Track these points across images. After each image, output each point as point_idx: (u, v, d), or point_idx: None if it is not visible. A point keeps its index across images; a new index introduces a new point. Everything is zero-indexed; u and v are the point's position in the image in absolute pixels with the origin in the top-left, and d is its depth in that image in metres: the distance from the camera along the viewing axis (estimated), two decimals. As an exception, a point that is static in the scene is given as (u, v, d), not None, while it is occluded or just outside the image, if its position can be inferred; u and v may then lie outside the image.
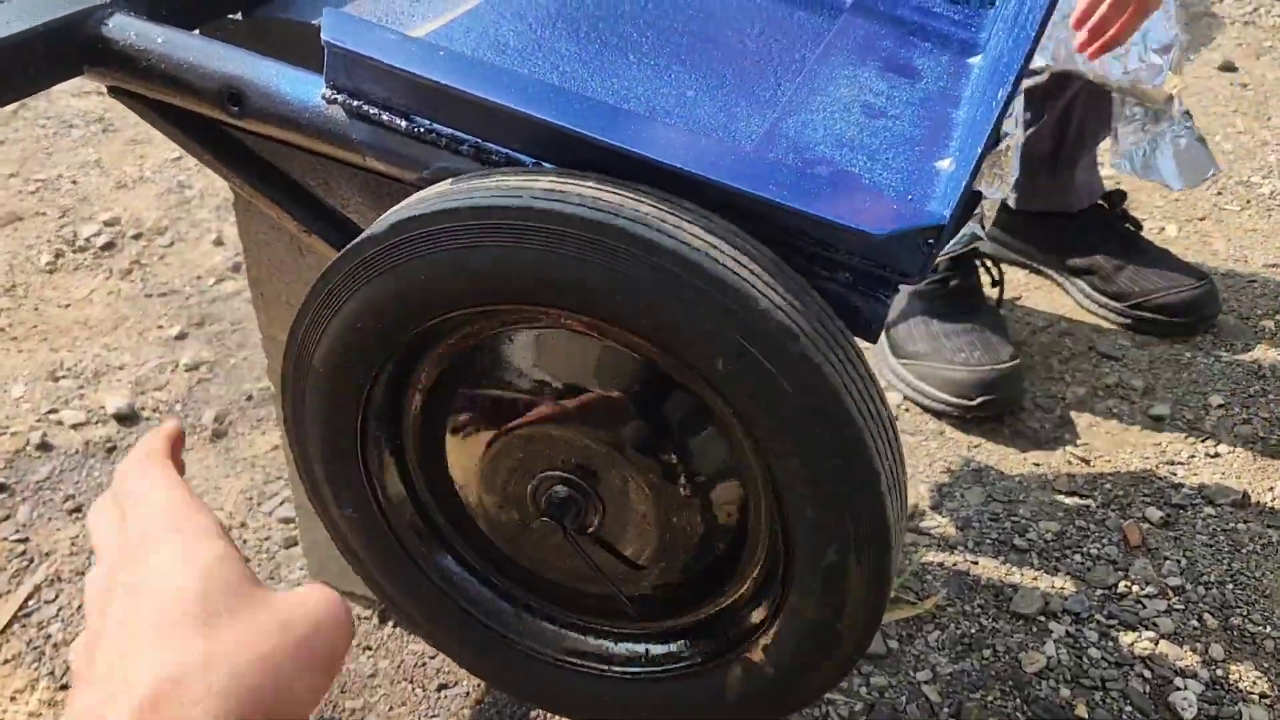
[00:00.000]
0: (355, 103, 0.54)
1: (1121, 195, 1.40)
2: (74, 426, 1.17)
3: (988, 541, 1.03)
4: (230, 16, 0.69)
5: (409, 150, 0.54)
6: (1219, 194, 1.61)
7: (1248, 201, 1.58)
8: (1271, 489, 1.09)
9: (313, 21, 0.68)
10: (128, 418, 1.18)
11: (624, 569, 0.56)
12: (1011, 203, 1.39)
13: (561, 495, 0.54)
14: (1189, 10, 1.18)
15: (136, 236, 1.49)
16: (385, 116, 0.53)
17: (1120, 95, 1.23)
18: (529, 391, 0.53)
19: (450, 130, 0.52)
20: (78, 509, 1.06)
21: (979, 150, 0.54)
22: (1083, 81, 1.23)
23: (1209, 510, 1.07)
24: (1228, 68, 1.99)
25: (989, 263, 1.28)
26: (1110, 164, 1.30)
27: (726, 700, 0.56)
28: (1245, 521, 1.06)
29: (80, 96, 1.88)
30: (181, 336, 1.30)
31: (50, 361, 1.26)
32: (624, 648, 0.61)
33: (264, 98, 0.56)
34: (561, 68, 0.61)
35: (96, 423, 1.17)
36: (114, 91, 0.60)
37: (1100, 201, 1.38)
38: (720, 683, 0.56)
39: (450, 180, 0.50)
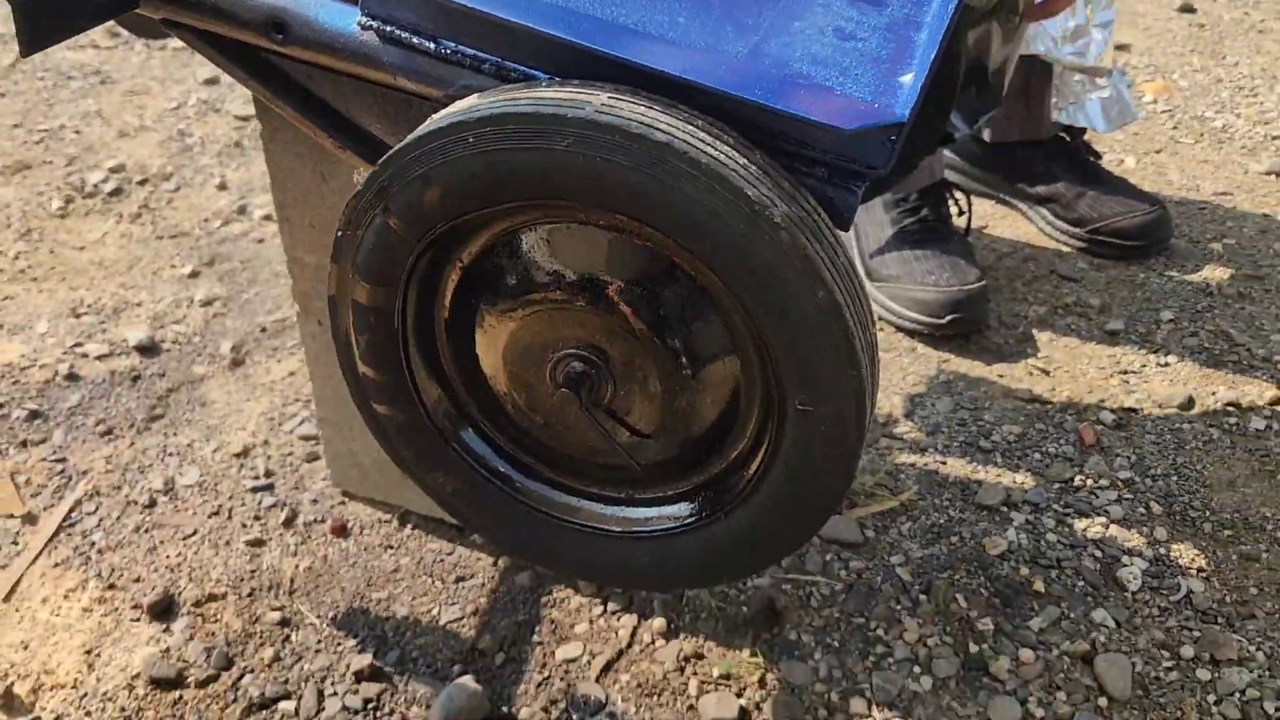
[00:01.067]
0: (388, 28, 0.61)
1: (1082, 129, 1.48)
2: (99, 358, 1.24)
3: (955, 444, 1.12)
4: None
5: (435, 70, 0.61)
6: (1175, 128, 1.69)
7: (1201, 135, 1.67)
8: (1214, 393, 1.19)
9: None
10: (149, 349, 1.25)
11: (634, 437, 0.65)
12: (986, 136, 1.47)
13: (578, 370, 0.62)
14: None
15: (142, 182, 1.55)
16: (415, 40, 0.60)
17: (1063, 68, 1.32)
18: (552, 277, 0.61)
19: (474, 51, 0.60)
20: (109, 431, 1.14)
21: (932, 63, 0.62)
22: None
23: (1157, 412, 1.16)
24: (1186, 9, 2.07)
25: (957, 194, 1.37)
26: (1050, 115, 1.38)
27: (714, 552, 0.65)
28: (1190, 422, 1.15)
29: (76, 50, 1.92)
30: (194, 275, 1.37)
31: (71, 299, 1.33)
32: (624, 511, 0.69)
33: (305, 26, 0.63)
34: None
35: (120, 354, 1.24)
36: (166, 23, 0.67)
37: (1061, 133, 1.46)
38: (713, 536, 0.65)
39: (477, 95, 0.58)
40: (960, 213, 1.37)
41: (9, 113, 1.72)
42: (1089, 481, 1.08)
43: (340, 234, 0.61)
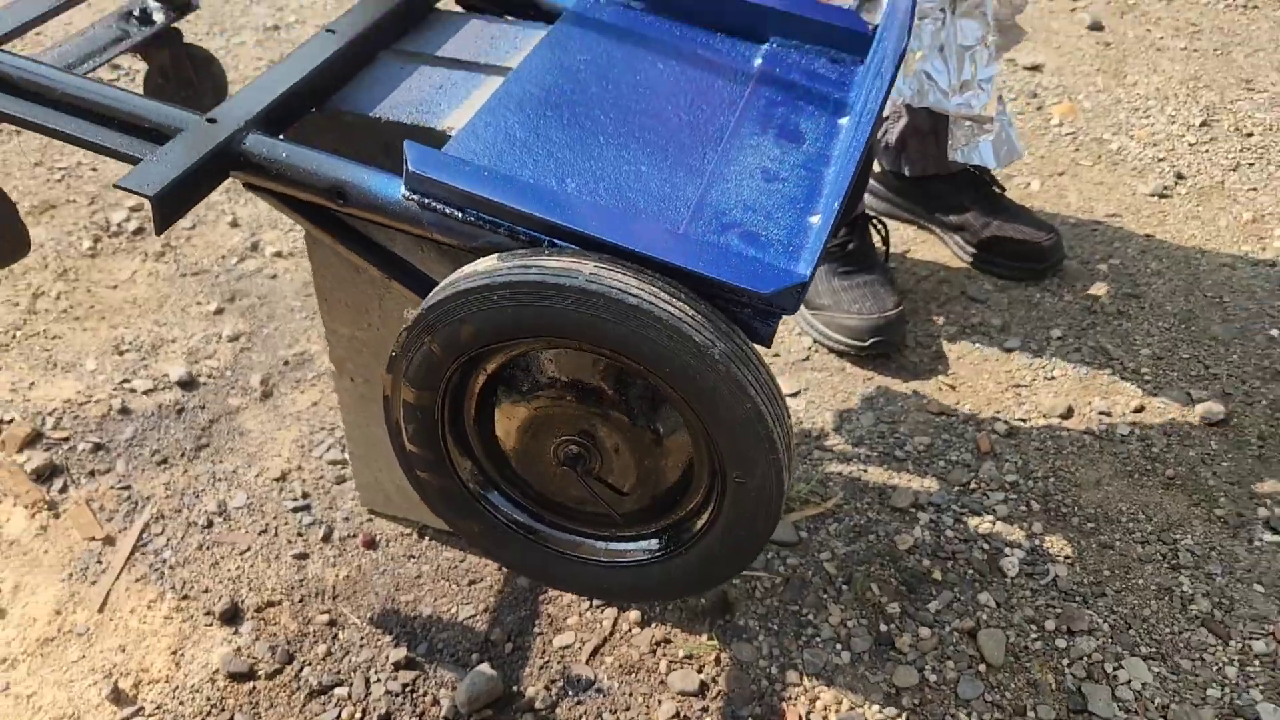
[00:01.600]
0: (425, 200, 0.81)
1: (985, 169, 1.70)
2: (145, 393, 1.43)
3: (875, 454, 1.36)
4: (312, 112, 0.95)
5: (463, 230, 0.81)
6: (1077, 150, 1.92)
7: (1099, 157, 1.90)
8: (1090, 403, 1.43)
9: (369, 114, 0.95)
10: (188, 384, 1.45)
11: (615, 495, 0.87)
12: (906, 171, 1.69)
13: (573, 451, 0.83)
14: (1002, 24, 1.46)
15: (161, 221, 1.73)
16: (446, 210, 0.81)
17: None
18: (554, 382, 0.83)
19: (491, 218, 0.80)
20: (164, 460, 1.34)
21: (838, 206, 0.83)
22: None
23: (1042, 422, 1.40)
24: (1096, 27, 2.28)
25: (879, 226, 1.59)
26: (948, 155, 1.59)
27: (678, 575, 0.88)
28: (1068, 430, 1.39)
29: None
30: (219, 311, 1.56)
31: (113, 337, 1.52)
32: (610, 545, 0.92)
33: (361, 194, 0.83)
34: (556, 154, 0.89)
35: (163, 389, 1.44)
36: (249, 187, 0.86)
37: (970, 168, 1.68)
38: (673, 567, 0.88)
39: (497, 256, 0.78)
40: (882, 241, 1.59)
41: (28, 150, 1.88)
42: (982, 484, 1.32)
43: (394, 354, 0.82)
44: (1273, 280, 1.62)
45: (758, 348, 0.79)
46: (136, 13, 1.22)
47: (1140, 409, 1.42)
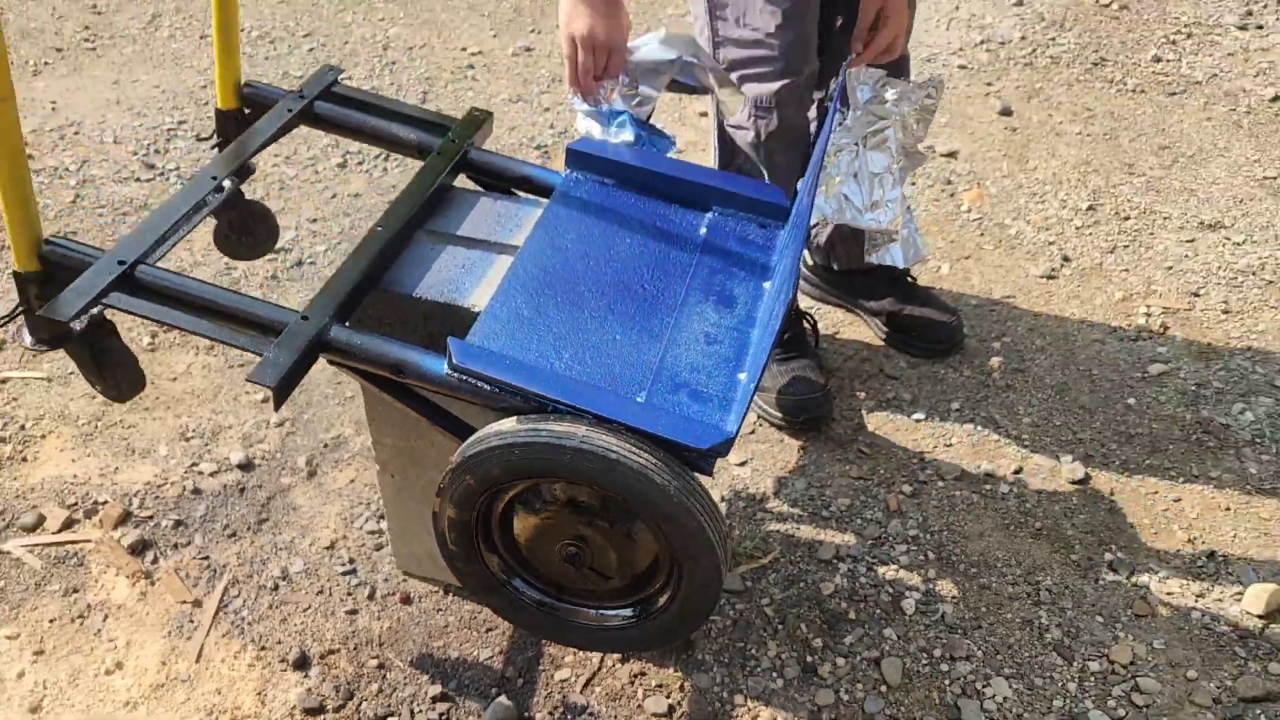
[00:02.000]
0: (464, 377, 1.13)
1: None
2: (212, 475, 1.74)
3: (806, 514, 1.69)
4: (370, 293, 1.26)
5: (490, 396, 1.14)
6: (981, 234, 2.26)
7: (1000, 241, 2.24)
8: (979, 466, 1.77)
9: (412, 294, 1.26)
10: (246, 466, 1.76)
11: (603, 580, 1.20)
12: (835, 266, 2.02)
13: (572, 551, 1.16)
14: (907, 150, 1.77)
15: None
16: (479, 384, 1.13)
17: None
18: (558, 501, 1.15)
19: (510, 390, 1.13)
20: (234, 534, 1.65)
21: (763, 362, 1.16)
22: None
23: (940, 484, 1.75)
24: (1005, 112, 2.63)
25: (809, 319, 1.92)
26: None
27: (649, 635, 1.21)
28: (960, 490, 1.74)
29: (121, 183, 2.37)
30: (265, 400, 1.87)
31: (179, 425, 1.82)
32: (600, 612, 1.24)
33: (415, 370, 1.15)
34: (554, 329, 1.21)
35: (226, 471, 1.75)
36: (331, 361, 1.18)
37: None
38: (646, 629, 1.21)
39: (516, 418, 1.11)
40: (812, 331, 1.92)
41: (82, 250, 2.18)
42: (889, 539, 1.66)
43: (442, 485, 1.14)
44: (1134, 354, 1.97)
45: (702, 477, 1.12)
46: (207, 175, 1.53)
47: (1019, 470, 1.77)
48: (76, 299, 1.14)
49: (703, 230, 1.39)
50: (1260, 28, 2.92)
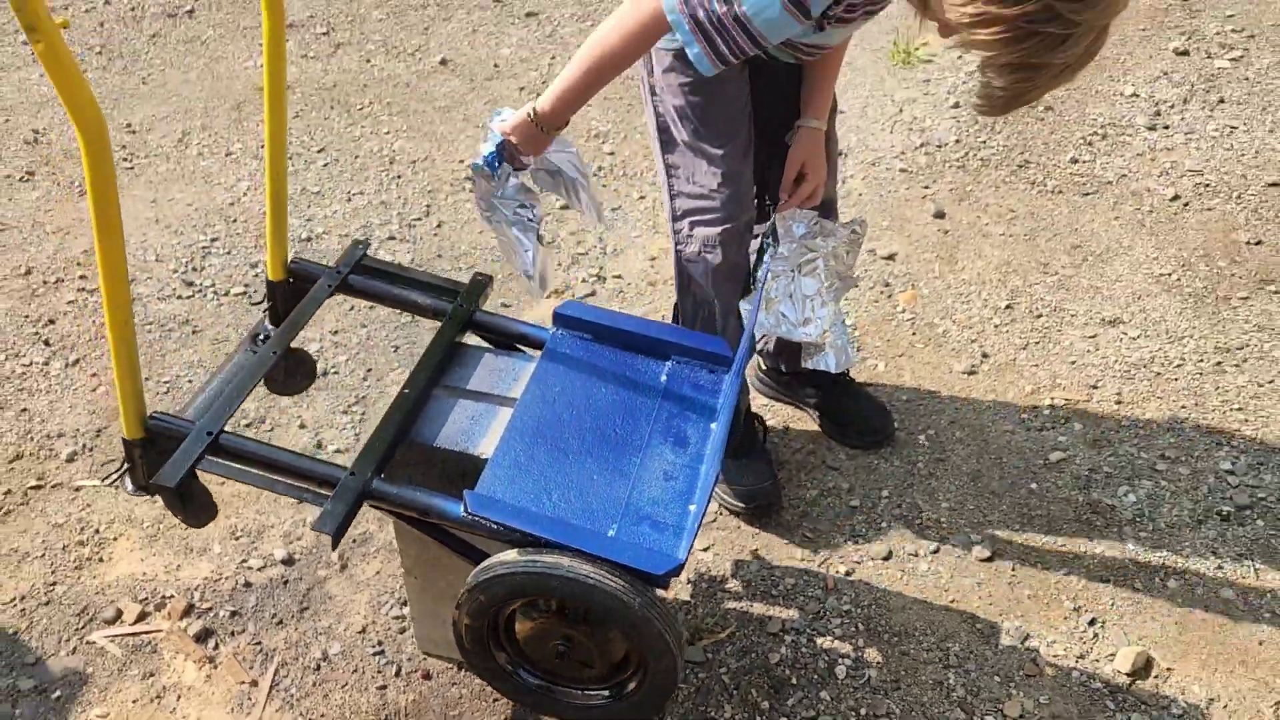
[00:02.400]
0: (474, 517, 1.47)
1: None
2: (259, 569, 2.08)
3: (758, 592, 2.03)
4: (401, 446, 1.60)
5: (498, 532, 1.48)
6: (914, 334, 2.61)
7: (929, 340, 2.59)
8: (904, 547, 2.11)
9: (432, 444, 1.60)
10: (288, 561, 2.09)
11: (586, 669, 1.53)
12: (783, 367, 2.37)
13: (561, 649, 1.50)
14: (840, 275, 2.08)
15: (248, 425, 2.37)
16: (487, 524, 1.47)
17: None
18: (550, 610, 1.49)
19: (512, 529, 1.47)
20: (280, 621, 1.99)
21: (709, 494, 1.51)
22: None
23: (870, 563, 2.09)
24: (939, 215, 2.99)
25: (759, 420, 2.26)
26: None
27: (624, 710, 1.55)
28: (888, 569, 2.08)
29: (165, 300, 2.71)
30: (300, 501, 2.21)
31: (228, 525, 2.16)
32: (585, 693, 1.58)
33: (439, 513, 1.49)
34: (545, 474, 1.55)
35: (271, 566, 2.09)
36: (373, 505, 1.52)
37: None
38: (622, 706, 1.55)
39: (516, 551, 1.45)
40: (762, 431, 2.27)
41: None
42: (827, 613, 2.00)
43: (459, 601, 1.48)
44: (1038, 443, 2.32)
45: (661, 591, 1.46)
46: (261, 335, 1.87)
47: (937, 550, 2.11)
48: (177, 468, 1.48)
49: (664, 378, 1.73)
50: (1167, 128, 3.29)
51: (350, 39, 3.86)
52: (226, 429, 1.55)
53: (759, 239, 2.08)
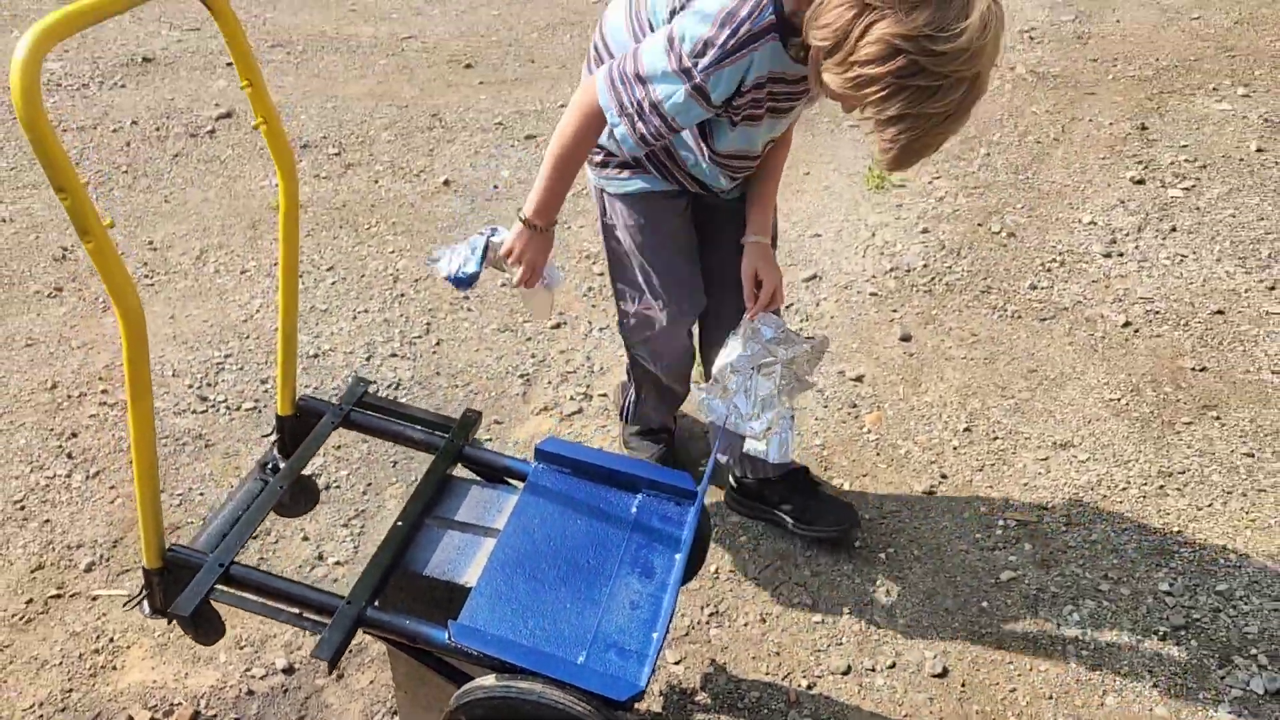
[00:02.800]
0: (457, 645, 1.64)
1: (805, 468, 2.56)
2: (261, 678, 2.23)
3: (725, 705, 2.18)
4: (394, 573, 1.77)
5: (479, 659, 1.64)
6: (878, 454, 2.80)
7: (892, 461, 2.78)
8: (862, 662, 2.27)
9: (422, 572, 1.77)
10: (288, 670, 2.25)
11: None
12: (747, 475, 2.55)
13: (535, 765, 1.66)
14: (799, 376, 2.26)
15: (254, 538, 2.54)
16: (466, 650, 1.64)
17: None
18: (523, 734, 1.65)
19: (490, 657, 1.63)
20: (280, 728, 2.14)
21: (668, 624, 1.68)
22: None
23: (830, 677, 2.24)
24: (905, 338, 3.19)
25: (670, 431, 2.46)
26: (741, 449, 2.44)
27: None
28: (846, 683, 2.23)
29: (179, 415, 2.90)
30: (301, 629, 2.37)
31: (233, 635, 2.32)
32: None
33: (426, 639, 1.66)
34: (524, 602, 1.72)
35: (273, 675, 2.24)
36: (367, 631, 1.69)
37: (796, 469, 2.54)
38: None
39: (494, 675, 1.61)
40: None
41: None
42: (792, 712, 2.15)
43: (444, 717, 1.64)
44: (990, 563, 2.49)
45: (625, 714, 1.62)
46: (270, 464, 2.06)
47: (893, 665, 2.26)
48: (192, 598, 1.65)
49: (634, 509, 1.91)
50: (1122, 255, 3.52)
51: (360, 159, 4.12)
52: (238, 561, 1.73)
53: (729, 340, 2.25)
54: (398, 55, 4.98)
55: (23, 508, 2.61)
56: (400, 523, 1.82)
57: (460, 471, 1.99)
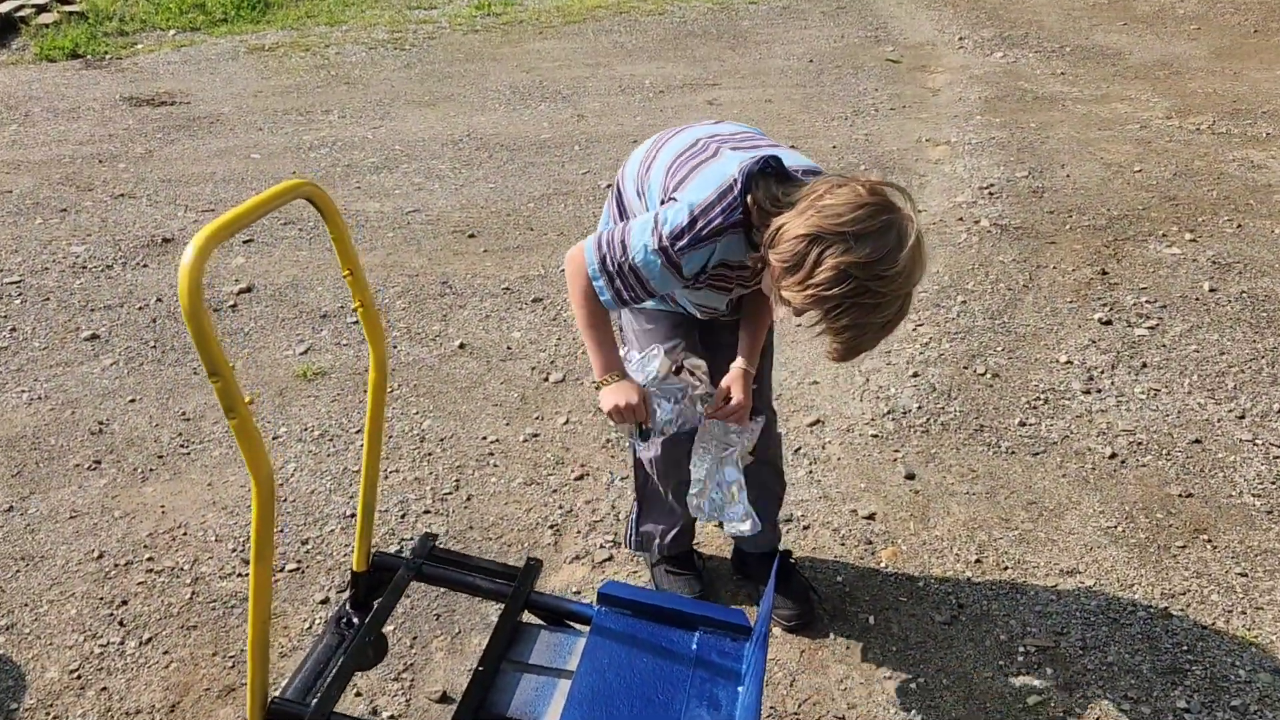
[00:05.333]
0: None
1: (788, 552, 2.74)
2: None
3: (780, 839, 2.26)
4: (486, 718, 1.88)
5: None
6: (897, 588, 2.95)
7: (911, 593, 2.92)
8: (906, 791, 2.37)
9: (506, 715, 1.89)
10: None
11: None
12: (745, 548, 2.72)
13: None
14: (745, 457, 2.46)
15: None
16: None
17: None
18: None
19: None
20: None
21: None
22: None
23: (878, 807, 2.33)
24: (909, 476, 3.39)
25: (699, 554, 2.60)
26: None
27: None
28: (893, 811, 2.32)
29: (226, 579, 3.00)
30: (361, 766, 2.44)
31: (297, 793, 2.37)
32: None
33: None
34: (602, 738, 1.84)
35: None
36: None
37: (781, 552, 2.72)
38: None
39: None
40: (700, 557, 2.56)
41: (203, 641, 2.78)
42: None
43: None
44: (1016, 689, 2.62)
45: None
46: (344, 619, 2.18)
47: (936, 792, 2.37)
48: (302, 747, 1.76)
49: (694, 646, 2.05)
50: (1100, 392, 3.79)
51: (377, 327, 4.35)
52: (337, 710, 1.84)
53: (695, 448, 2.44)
54: (404, 228, 5.28)
55: (79, 676, 2.67)
56: (481, 668, 1.95)
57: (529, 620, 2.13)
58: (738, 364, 2.41)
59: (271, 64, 8.37)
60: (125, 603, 2.92)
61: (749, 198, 1.96)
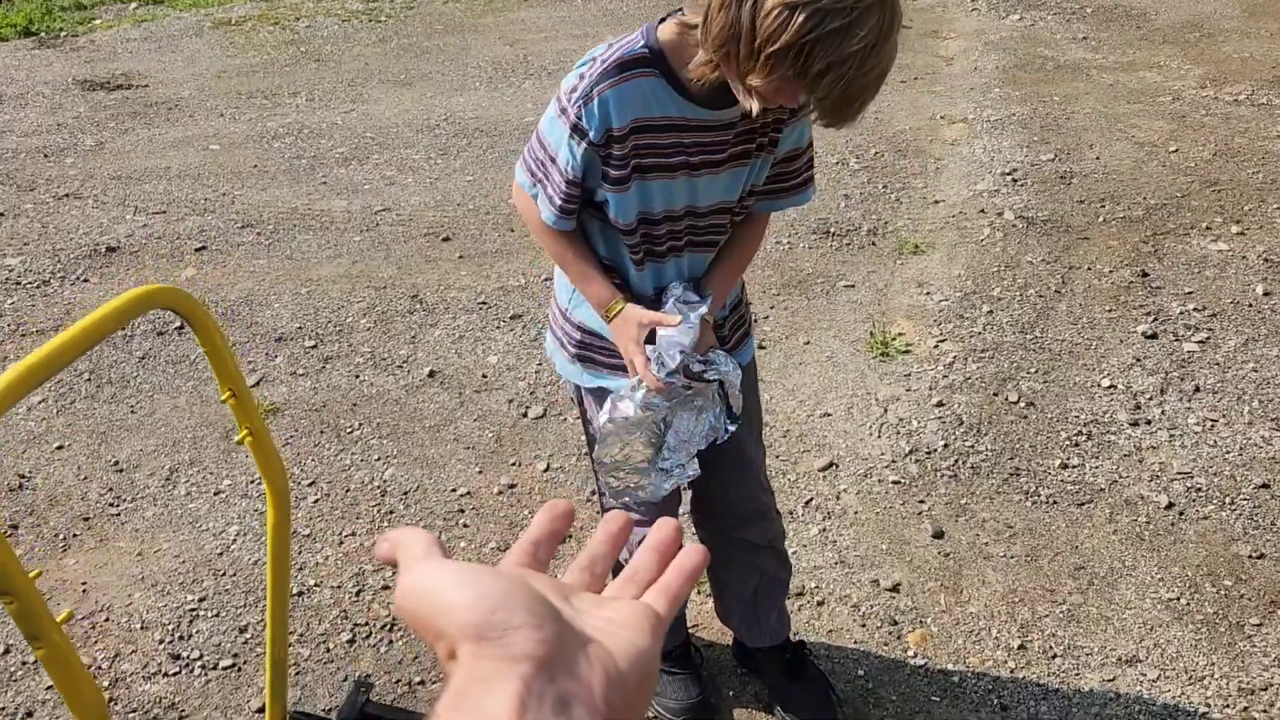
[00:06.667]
0: None
1: (801, 643, 2.38)
2: None
3: None
4: None
5: None
6: (929, 684, 2.54)
7: (945, 691, 2.52)
8: None
9: None
10: None
11: None
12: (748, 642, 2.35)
13: None
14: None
15: None
16: None
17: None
18: None
19: None
20: None
21: None
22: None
23: None
24: (938, 535, 2.97)
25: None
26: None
27: None
28: None
29: (150, 679, 2.60)
30: None
31: None
32: None
33: None
34: None
35: None
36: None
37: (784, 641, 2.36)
38: None
39: None
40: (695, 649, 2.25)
41: (226, 686, 2.38)
42: None
43: None
44: (1073, 817, 2.22)
45: None
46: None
47: None
48: None
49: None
50: (1149, 423, 3.35)
51: (339, 351, 3.92)
52: None
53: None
54: (372, 230, 4.82)
55: (-31, 815, 2.28)
56: None
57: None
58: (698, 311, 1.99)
59: (238, 40, 7.83)
60: (30, 714, 2.52)
61: (657, 33, 1.66)
